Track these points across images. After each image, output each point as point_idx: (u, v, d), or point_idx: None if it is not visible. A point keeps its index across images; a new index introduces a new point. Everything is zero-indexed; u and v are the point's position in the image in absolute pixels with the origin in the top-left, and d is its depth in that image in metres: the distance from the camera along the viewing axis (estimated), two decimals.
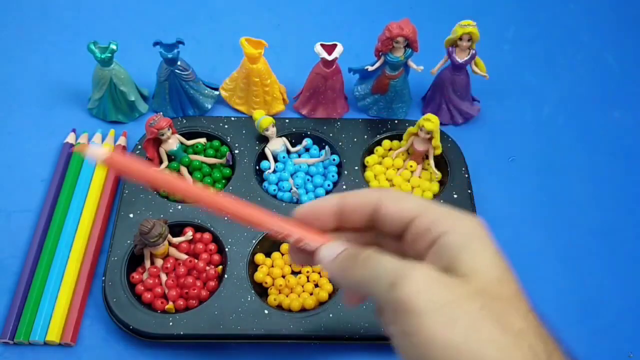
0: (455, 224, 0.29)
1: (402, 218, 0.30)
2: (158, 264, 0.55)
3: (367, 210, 0.31)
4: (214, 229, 0.57)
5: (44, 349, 0.52)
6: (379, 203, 0.31)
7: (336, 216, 0.32)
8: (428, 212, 0.29)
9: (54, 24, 0.78)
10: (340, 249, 0.30)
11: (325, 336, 0.51)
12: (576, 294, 0.57)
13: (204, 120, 0.66)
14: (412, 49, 0.62)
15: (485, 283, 0.27)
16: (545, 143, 0.69)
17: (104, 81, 0.64)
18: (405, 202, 0.30)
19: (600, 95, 0.74)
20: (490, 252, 0.28)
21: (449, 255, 0.28)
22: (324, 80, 0.64)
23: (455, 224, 0.29)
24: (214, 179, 0.62)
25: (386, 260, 0.28)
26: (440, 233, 0.29)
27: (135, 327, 0.51)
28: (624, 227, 0.62)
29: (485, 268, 0.27)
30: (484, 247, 0.28)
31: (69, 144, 0.64)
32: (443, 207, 0.30)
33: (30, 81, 0.72)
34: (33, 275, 0.55)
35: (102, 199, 0.60)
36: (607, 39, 0.80)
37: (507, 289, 0.27)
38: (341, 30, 0.78)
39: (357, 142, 0.65)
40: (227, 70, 0.68)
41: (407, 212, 0.30)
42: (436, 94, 0.68)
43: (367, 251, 0.29)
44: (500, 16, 0.82)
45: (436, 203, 0.30)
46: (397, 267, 0.27)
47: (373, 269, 0.28)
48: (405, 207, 0.30)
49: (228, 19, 0.80)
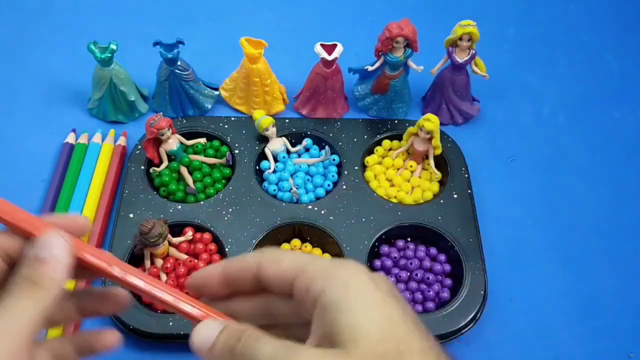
0: (330, 280, 0.27)
1: (284, 280, 0.29)
2: (158, 264, 0.55)
3: (249, 275, 0.30)
4: (214, 229, 0.57)
5: None
6: (258, 267, 0.30)
7: (223, 283, 0.31)
8: (306, 270, 0.28)
9: (54, 24, 0.78)
10: (215, 331, 0.28)
11: None
12: (576, 294, 0.57)
13: (204, 120, 0.66)
14: (412, 49, 0.62)
15: (369, 344, 0.25)
16: (545, 143, 0.69)
17: (104, 81, 0.64)
18: (282, 263, 0.29)
19: (600, 95, 0.74)
20: (367, 304, 0.27)
21: (329, 319, 0.26)
22: (324, 80, 0.64)
23: (330, 279, 0.27)
24: (214, 179, 0.62)
25: (265, 352, 0.26)
26: (318, 293, 0.27)
27: (135, 327, 0.51)
28: (624, 227, 0.62)
29: (365, 327, 0.26)
30: (362, 300, 0.27)
31: (69, 144, 0.64)
32: (322, 260, 0.29)
33: (30, 81, 0.72)
34: None
35: (102, 199, 0.60)
36: (607, 39, 0.80)
37: (392, 341, 0.26)
38: (341, 30, 0.78)
39: (357, 142, 0.65)
40: (227, 70, 0.68)
41: (286, 273, 0.29)
42: (436, 94, 0.68)
43: (242, 339, 0.27)
44: (500, 16, 0.82)
45: (316, 257, 0.29)
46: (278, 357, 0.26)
47: None
48: (283, 268, 0.29)
49: (228, 19, 0.80)
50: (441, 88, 0.67)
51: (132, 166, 0.61)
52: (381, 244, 0.58)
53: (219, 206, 0.59)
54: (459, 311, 0.53)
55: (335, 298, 0.27)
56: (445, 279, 0.56)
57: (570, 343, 0.55)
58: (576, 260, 0.59)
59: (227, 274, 0.31)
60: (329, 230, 0.57)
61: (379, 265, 0.57)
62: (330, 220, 0.58)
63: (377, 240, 0.57)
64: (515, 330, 0.55)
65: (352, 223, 0.58)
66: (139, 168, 0.61)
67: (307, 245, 0.58)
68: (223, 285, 0.31)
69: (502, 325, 0.55)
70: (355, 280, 0.27)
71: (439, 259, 0.57)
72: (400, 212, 0.59)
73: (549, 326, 0.55)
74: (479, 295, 0.54)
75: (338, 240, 0.57)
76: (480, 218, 0.59)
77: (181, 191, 0.60)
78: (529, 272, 0.59)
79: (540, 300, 0.57)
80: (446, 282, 0.56)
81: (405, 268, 0.56)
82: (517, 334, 0.55)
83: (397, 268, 0.56)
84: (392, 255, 0.57)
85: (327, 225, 0.58)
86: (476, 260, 0.56)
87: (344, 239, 0.57)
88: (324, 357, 0.25)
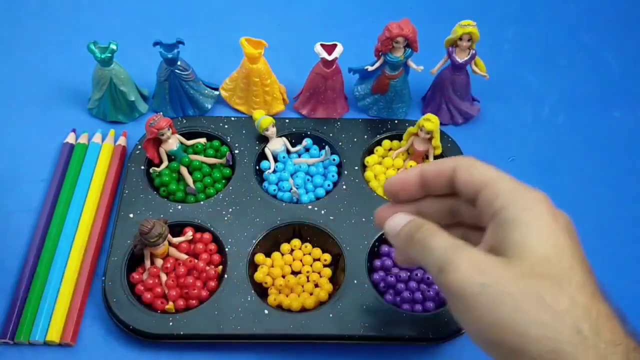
0: (514, 200, 0.30)
1: (471, 188, 0.32)
2: (158, 264, 0.55)
3: (444, 178, 0.34)
4: (214, 229, 0.57)
5: (44, 349, 0.52)
6: (453, 171, 0.33)
7: (420, 186, 0.35)
8: (495, 185, 0.31)
9: (54, 24, 0.78)
10: (402, 222, 0.34)
11: (325, 336, 0.51)
12: None
13: (204, 120, 0.66)
14: (412, 49, 0.62)
15: (532, 263, 0.28)
16: (545, 143, 0.69)
17: (104, 81, 0.64)
18: (474, 173, 0.32)
19: (600, 95, 0.74)
20: (541, 230, 0.29)
21: (501, 234, 0.29)
22: (324, 80, 0.64)
23: (514, 199, 0.30)
24: (214, 179, 0.62)
25: (436, 244, 0.31)
26: (500, 207, 0.30)
27: (135, 327, 0.51)
28: (624, 227, 0.62)
29: (534, 246, 0.28)
30: (538, 224, 0.29)
31: (69, 144, 0.64)
32: (510, 180, 0.31)
33: (30, 81, 0.72)
34: (33, 275, 0.55)
35: (102, 199, 0.60)
36: (607, 39, 0.80)
37: (555, 267, 0.28)
38: (341, 30, 0.78)
39: (357, 142, 0.65)
40: (227, 70, 0.68)
41: (476, 182, 0.32)
42: (436, 94, 0.68)
43: (421, 230, 0.32)
44: (500, 16, 0.82)
45: (504, 176, 0.32)
46: (444, 252, 0.30)
47: (425, 252, 0.31)
48: (475, 177, 0.32)
49: (228, 19, 0.80)
50: (441, 88, 0.67)
51: (132, 166, 0.61)
52: (381, 244, 0.58)
53: (219, 206, 0.59)
54: None
55: (512, 217, 0.29)
56: None
57: None
58: None
59: (425, 177, 0.35)
60: (329, 230, 0.57)
61: (379, 265, 0.57)
62: (330, 220, 0.58)
63: (377, 240, 0.57)
64: None
65: (352, 223, 0.58)
66: (139, 168, 0.61)
67: (307, 245, 0.58)
68: (419, 188, 0.35)
69: None
70: (536, 206, 0.30)
71: None
72: None
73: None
74: None
75: (338, 240, 0.57)
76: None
77: (181, 191, 0.60)
78: None
79: None
80: None
81: (405, 268, 0.56)
82: None
83: (397, 268, 0.56)
84: (392, 255, 0.57)
85: (327, 225, 0.58)
86: None
87: (344, 239, 0.57)
88: (486, 260, 0.29)
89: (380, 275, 0.56)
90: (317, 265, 0.57)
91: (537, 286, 0.27)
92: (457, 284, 0.28)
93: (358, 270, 0.55)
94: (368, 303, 0.53)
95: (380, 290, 0.55)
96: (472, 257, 0.29)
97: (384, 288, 0.55)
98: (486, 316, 0.27)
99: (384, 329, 0.52)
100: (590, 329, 0.27)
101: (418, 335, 0.51)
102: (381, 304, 0.53)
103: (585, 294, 0.28)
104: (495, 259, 0.29)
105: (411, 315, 0.53)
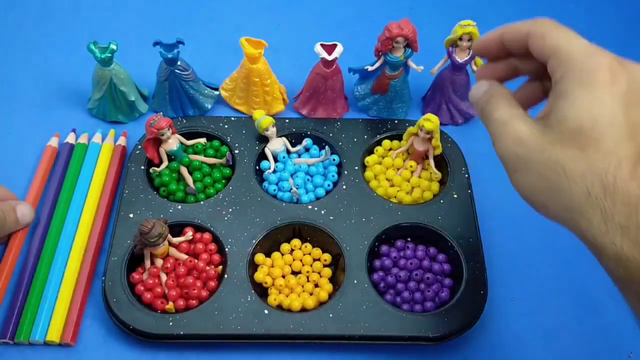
0: (572, 69, 0.32)
1: (543, 55, 0.34)
2: (158, 264, 0.55)
3: (521, 43, 0.36)
4: (214, 229, 0.57)
5: (44, 349, 0.52)
6: (527, 36, 0.35)
7: (500, 46, 0.37)
8: (560, 53, 0.33)
9: (54, 24, 0.78)
10: (480, 91, 0.38)
11: (325, 336, 0.52)
12: (576, 294, 0.57)
13: (204, 120, 0.66)
14: (412, 49, 0.62)
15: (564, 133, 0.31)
16: None
17: (104, 81, 0.64)
18: (545, 39, 0.34)
19: None
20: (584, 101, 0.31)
21: (554, 102, 0.32)
22: (324, 80, 0.64)
23: (573, 68, 0.32)
24: (214, 179, 0.62)
25: (496, 116, 0.35)
26: (559, 78, 0.32)
27: (135, 327, 0.51)
28: None
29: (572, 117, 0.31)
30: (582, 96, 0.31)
31: (69, 144, 0.64)
32: (578, 45, 0.33)
33: (30, 81, 0.72)
34: (33, 275, 0.55)
35: (102, 199, 0.60)
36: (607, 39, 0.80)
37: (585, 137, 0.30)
38: (341, 30, 0.78)
39: (357, 142, 0.65)
40: (227, 70, 0.68)
41: (547, 50, 0.34)
42: (436, 94, 0.68)
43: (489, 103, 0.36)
44: (500, 16, 0.82)
45: (575, 40, 0.33)
46: (499, 125, 0.35)
47: (488, 123, 0.36)
48: (546, 45, 0.34)
49: (228, 19, 0.80)
50: (441, 88, 0.67)
51: (132, 166, 0.61)
52: (381, 244, 0.58)
53: (219, 206, 0.59)
54: (458, 311, 0.53)
55: (563, 89, 0.32)
56: (444, 279, 0.56)
57: (570, 343, 0.55)
58: (576, 259, 0.59)
59: (504, 38, 0.37)
60: (329, 230, 0.57)
61: (379, 265, 0.57)
62: (330, 220, 0.58)
63: (377, 240, 0.57)
64: (515, 330, 0.55)
65: (352, 223, 0.58)
66: (139, 168, 0.61)
67: (307, 245, 0.58)
68: (502, 49, 0.38)
69: (502, 325, 0.55)
70: (590, 76, 0.31)
71: (439, 258, 0.57)
72: (400, 212, 0.59)
73: (549, 326, 0.55)
74: (479, 295, 0.54)
75: (338, 240, 0.57)
76: (480, 218, 0.59)
77: (181, 191, 0.60)
78: (529, 272, 0.59)
79: (540, 300, 0.57)
80: (446, 282, 0.56)
81: (405, 268, 0.56)
82: (517, 333, 0.55)
83: (397, 268, 0.56)
84: (392, 255, 0.57)
85: (327, 225, 0.58)
86: (476, 260, 0.56)
87: (344, 239, 0.57)
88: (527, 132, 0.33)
89: (380, 275, 0.56)
90: (317, 265, 0.57)
91: (561, 155, 0.31)
92: (500, 152, 0.35)
93: (358, 270, 0.55)
94: (368, 303, 0.53)
95: (380, 290, 0.55)
96: (516, 129, 0.34)
97: (383, 288, 0.55)
98: (520, 180, 0.34)
99: (384, 329, 0.52)
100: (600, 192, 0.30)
101: (418, 335, 0.51)
102: (381, 304, 0.53)
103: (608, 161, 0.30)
104: (535, 131, 0.33)
105: (411, 315, 0.53)
